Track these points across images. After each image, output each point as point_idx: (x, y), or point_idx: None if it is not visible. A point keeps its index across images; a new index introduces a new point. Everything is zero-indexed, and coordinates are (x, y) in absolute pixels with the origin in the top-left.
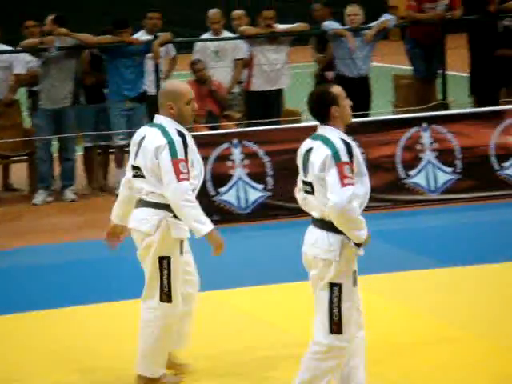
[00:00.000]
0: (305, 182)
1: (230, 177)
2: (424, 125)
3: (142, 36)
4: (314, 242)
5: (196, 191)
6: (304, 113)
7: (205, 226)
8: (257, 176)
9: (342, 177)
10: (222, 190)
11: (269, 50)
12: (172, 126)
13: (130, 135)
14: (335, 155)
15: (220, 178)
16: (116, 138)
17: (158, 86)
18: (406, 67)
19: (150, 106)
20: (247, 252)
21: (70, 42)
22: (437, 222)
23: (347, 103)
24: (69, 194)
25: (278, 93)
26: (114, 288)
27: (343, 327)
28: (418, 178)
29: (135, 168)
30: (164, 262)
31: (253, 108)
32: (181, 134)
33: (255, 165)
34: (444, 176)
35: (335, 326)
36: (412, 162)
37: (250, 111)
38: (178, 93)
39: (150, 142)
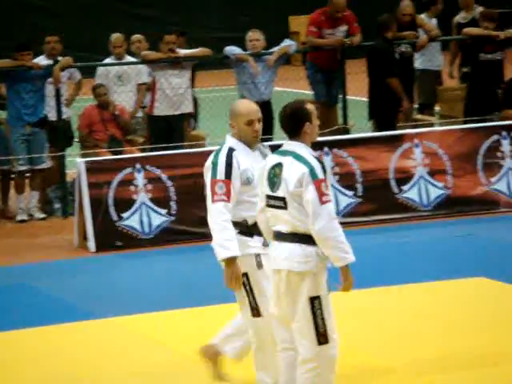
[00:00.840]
0: (274, 197)
1: (133, 201)
2: (325, 149)
3: (42, 61)
4: (288, 255)
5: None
6: (208, 137)
7: (226, 251)
8: (160, 201)
9: (321, 194)
10: (125, 215)
11: (171, 75)
12: (226, 146)
13: (30, 161)
14: (312, 173)
15: (123, 203)
16: (16, 164)
17: (58, 111)
18: (308, 92)
19: (50, 132)
20: (151, 277)
21: None
22: None
23: (317, 122)
24: None
25: (181, 117)
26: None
27: (328, 336)
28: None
29: None
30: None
31: (156, 132)
32: (229, 156)
33: (158, 189)
34: (345, 199)
35: (322, 338)
36: None
37: (153, 136)
38: (236, 112)
39: None
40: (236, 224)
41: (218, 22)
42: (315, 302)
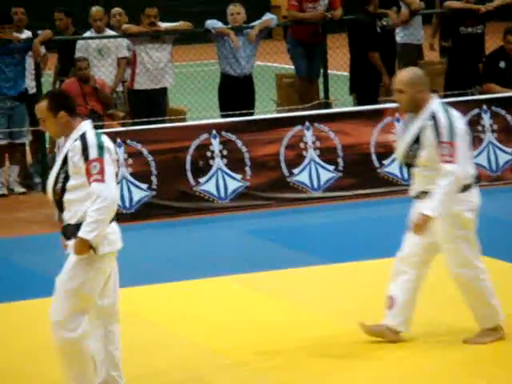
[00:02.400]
0: None
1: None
2: (306, 123)
3: (17, 34)
4: None
5: None
6: (189, 112)
7: None
8: (141, 175)
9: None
10: None
11: (152, 49)
12: None
13: (10, 135)
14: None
15: None
16: None
17: (38, 85)
18: (289, 66)
19: (30, 105)
20: (131, 252)
21: None
22: (319, 219)
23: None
24: None
25: (163, 91)
26: None
27: None
28: (302, 177)
29: None
30: None
31: (137, 107)
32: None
33: (139, 164)
34: (326, 174)
35: None
36: (295, 161)
37: (134, 110)
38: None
39: None
40: None
41: None
42: None
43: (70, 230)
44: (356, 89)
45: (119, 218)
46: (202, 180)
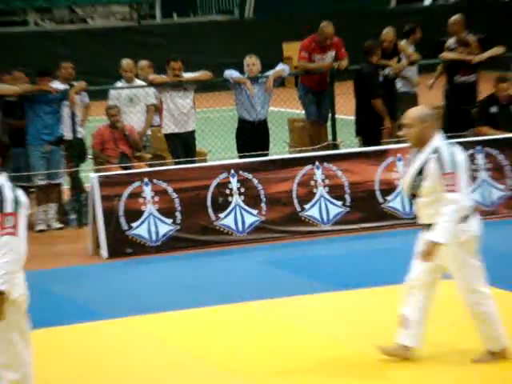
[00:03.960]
0: None
1: (141, 212)
2: (317, 163)
3: (57, 85)
4: None
5: None
6: (209, 153)
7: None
8: (166, 211)
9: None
10: (135, 224)
11: (175, 97)
12: None
13: (49, 176)
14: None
15: (132, 214)
16: (36, 179)
17: (73, 131)
18: (300, 111)
19: (66, 149)
20: (158, 281)
21: None
22: (329, 250)
23: None
24: None
25: (192, 134)
26: None
27: None
28: (312, 211)
29: None
30: None
31: (172, 148)
32: None
33: (165, 201)
34: (335, 209)
35: None
36: (307, 197)
37: (170, 150)
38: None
39: None
40: None
41: (218, 48)
42: None
43: None
44: (361, 131)
45: (147, 250)
46: (221, 215)
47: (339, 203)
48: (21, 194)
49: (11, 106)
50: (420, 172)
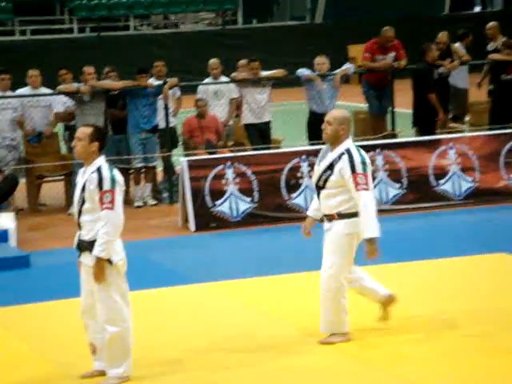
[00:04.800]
0: None
1: (224, 192)
2: (378, 150)
3: (153, 81)
4: None
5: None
6: (283, 141)
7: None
8: (245, 191)
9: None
10: (218, 202)
11: (254, 92)
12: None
13: (145, 159)
14: None
15: (216, 193)
16: (134, 162)
17: (167, 121)
18: (363, 105)
19: (160, 136)
20: (239, 252)
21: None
22: (388, 227)
23: None
24: None
25: (268, 124)
26: None
27: None
28: (375, 193)
29: None
30: None
31: (251, 136)
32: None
33: (244, 182)
34: (393, 191)
35: None
36: None
37: (249, 139)
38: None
39: None
40: None
41: (291, 49)
42: None
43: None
44: (417, 123)
45: (228, 225)
46: (293, 195)
47: (397, 186)
48: (117, 173)
49: (114, 99)
50: (329, 167)
